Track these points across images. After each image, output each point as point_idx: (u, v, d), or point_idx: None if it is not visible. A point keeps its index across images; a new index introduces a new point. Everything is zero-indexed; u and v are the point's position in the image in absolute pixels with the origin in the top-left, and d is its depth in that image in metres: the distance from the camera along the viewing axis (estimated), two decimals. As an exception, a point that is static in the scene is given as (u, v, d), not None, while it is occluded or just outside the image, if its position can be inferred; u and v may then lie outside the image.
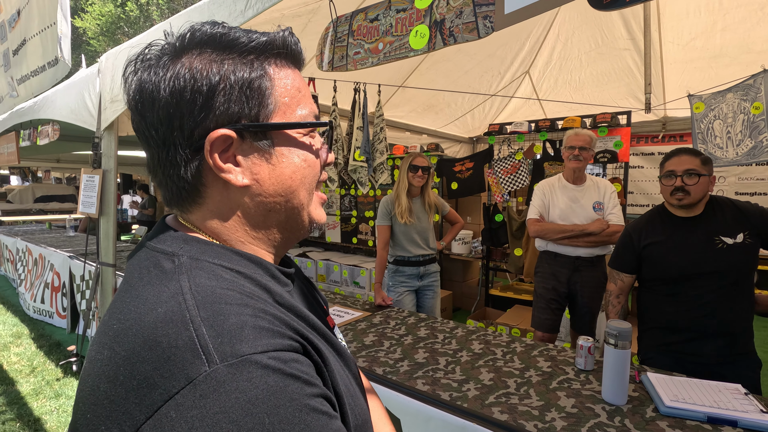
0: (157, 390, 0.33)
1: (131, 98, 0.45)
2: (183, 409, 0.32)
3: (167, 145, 0.44)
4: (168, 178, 0.46)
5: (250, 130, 0.45)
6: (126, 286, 0.43)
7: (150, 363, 0.34)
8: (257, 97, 0.45)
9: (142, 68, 0.44)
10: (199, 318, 0.36)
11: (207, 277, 0.41)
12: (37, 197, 11.13)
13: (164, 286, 0.39)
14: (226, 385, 0.33)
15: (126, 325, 0.37)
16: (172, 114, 0.43)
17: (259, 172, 0.46)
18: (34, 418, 2.44)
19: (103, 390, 0.35)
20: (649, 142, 4.73)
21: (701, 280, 1.64)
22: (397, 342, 1.78)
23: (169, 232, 0.46)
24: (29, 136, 4.54)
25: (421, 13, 1.20)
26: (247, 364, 0.34)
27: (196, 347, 0.34)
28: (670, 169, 1.69)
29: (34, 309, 4.29)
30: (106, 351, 0.37)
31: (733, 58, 3.41)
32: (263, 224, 0.48)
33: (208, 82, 0.42)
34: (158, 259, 0.43)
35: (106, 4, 14.56)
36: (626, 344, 1.26)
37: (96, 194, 2.86)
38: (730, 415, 1.15)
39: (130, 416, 0.33)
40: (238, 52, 0.44)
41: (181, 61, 0.43)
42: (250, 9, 1.70)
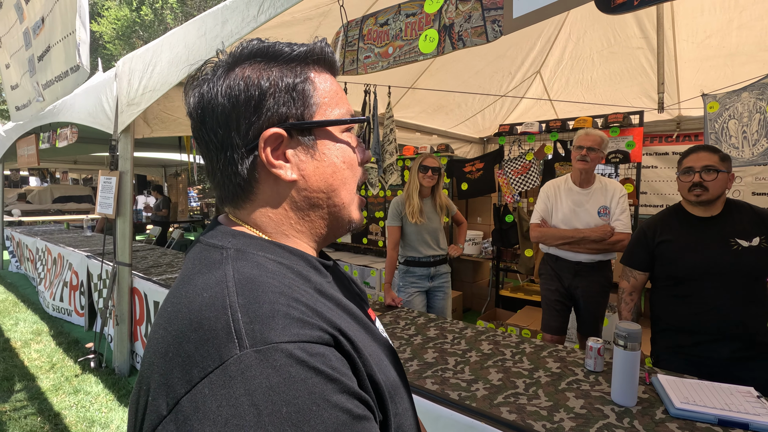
0: (196, 367, 0.36)
1: (193, 109, 0.51)
2: (214, 387, 0.35)
3: (225, 146, 0.49)
4: (225, 177, 0.51)
5: (296, 128, 0.50)
6: (182, 276, 0.48)
7: (193, 342, 0.38)
8: (302, 99, 0.50)
9: (200, 83, 0.50)
10: (237, 304, 0.39)
11: (250, 266, 0.44)
12: (55, 198, 11.40)
13: (212, 273, 0.44)
14: (252, 370, 0.35)
15: (177, 308, 0.42)
16: (229, 117, 0.48)
17: (305, 168, 0.51)
18: (54, 413, 2.52)
19: (157, 365, 0.40)
20: (663, 142, 4.67)
21: (714, 281, 1.63)
22: (407, 342, 1.80)
23: (219, 228, 0.52)
24: (48, 138, 4.67)
25: (430, 18, 1.22)
26: (274, 352, 0.36)
27: (231, 331, 0.37)
28: (689, 165, 1.68)
29: (54, 307, 4.40)
30: (161, 330, 0.42)
31: (749, 56, 3.35)
32: (307, 218, 0.53)
33: (259, 87, 0.48)
34: (209, 252, 0.48)
35: (122, 9, 14.84)
36: (636, 346, 1.26)
37: (113, 195, 2.94)
38: (742, 417, 1.15)
39: (173, 389, 0.37)
40: (283, 61, 0.50)
41: (235, 73, 0.49)
42: (262, 14, 1.74)
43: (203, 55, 2.11)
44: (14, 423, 2.42)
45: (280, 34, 2.99)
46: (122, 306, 3.02)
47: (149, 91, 2.52)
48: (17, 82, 3.16)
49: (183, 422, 0.35)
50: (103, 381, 2.89)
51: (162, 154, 8.16)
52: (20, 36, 2.60)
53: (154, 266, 3.53)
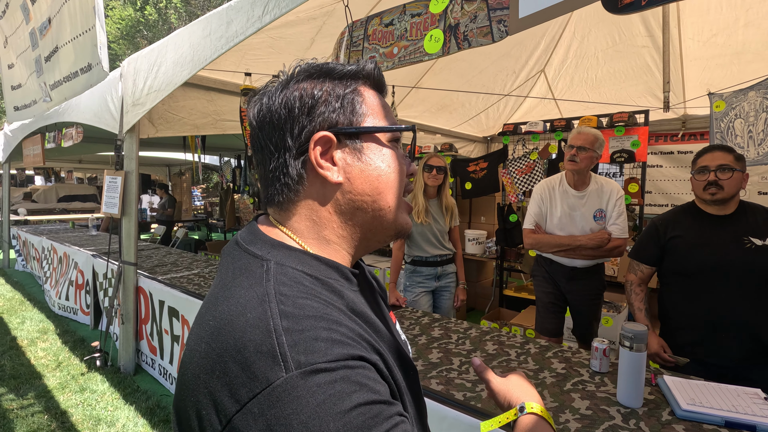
0: (245, 388, 0.39)
1: (253, 117, 0.55)
2: (264, 407, 0.38)
3: (279, 149, 0.53)
4: (276, 179, 0.54)
5: (344, 133, 0.54)
6: (221, 283, 0.51)
7: (239, 363, 0.40)
8: (350, 108, 0.54)
9: (261, 96, 0.55)
10: (281, 327, 0.42)
11: (290, 285, 0.47)
12: (61, 197, 11.47)
13: (253, 290, 0.46)
14: (298, 390, 0.38)
15: (220, 324, 0.44)
16: (285, 122, 0.53)
17: (351, 172, 0.54)
18: (60, 411, 2.54)
19: (204, 380, 0.42)
20: (668, 141, 4.64)
21: (726, 278, 1.62)
22: (411, 342, 1.80)
23: (259, 235, 0.54)
24: (54, 138, 4.70)
25: (435, 18, 1.22)
26: (318, 372, 0.39)
27: (276, 355, 0.39)
28: (704, 164, 1.68)
29: (59, 306, 4.43)
30: (203, 345, 0.44)
31: (756, 54, 3.32)
32: (350, 222, 0.55)
33: (312, 95, 0.53)
34: (249, 263, 0.50)
35: (126, 9, 14.90)
36: (642, 347, 1.26)
37: (118, 195, 2.95)
38: (749, 419, 1.14)
39: (224, 407, 0.40)
40: (335, 77, 0.55)
41: (291, 86, 0.54)
42: (267, 14, 1.74)
43: (208, 55, 2.12)
44: (21, 421, 2.44)
45: (285, 33, 2.99)
46: (128, 305, 3.03)
47: (154, 92, 2.53)
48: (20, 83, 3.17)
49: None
50: (109, 379, 2.91)
51: (166, 153, 8.19)
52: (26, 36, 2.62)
53: (159, 265, 3.55)
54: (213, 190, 15.15)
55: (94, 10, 1.61)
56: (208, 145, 5.90)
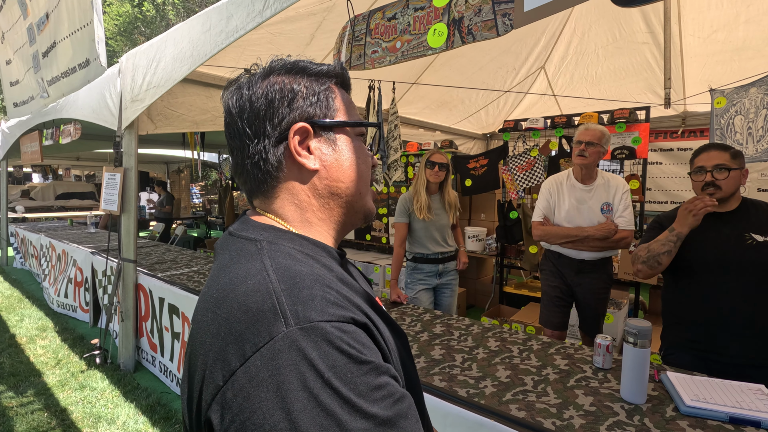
0: (248, 343, 0.42)
1: (232, 105, 0.58)
2: (265, 359, 0.41)
3: (258, 135, 0.57)
4: (254, 166, 0.58)
5: (320, 126, 0.59)
6: (219, 266, 0.54)
7: (243, 323, 0.43)
8: (325, 103, 0.59)
9: (239, 86, 0.59)
10: (280, 289, 0.45)
11: (283, 257, 0.51)
12: (58, 194, 11.42)
13: (251, 264, 0.49)
14: (298, 344, 0.41)
15: (223, 293, 0.48)
16: (266, 111, 0.57)
17: (326, 160, 0.59)
18: (60, 409, 2.53)
19: (209, 343, 0.45)
20: (668, 138, 4.64)
21: (727, 275, 1.62)
22: (413, 339, 1.79)
23: (249, 223, 0.58)
24: (52, 135, 4.67)
25: (439, 12, 1.20)
26: (315, 329, 0.42)
27: (277, 311, 0.43)
28: (700, 165, 1.68)
29: (58, 303, 4.41)
30: (209, 313, 0.48)
31: (756, 51, 3.32)
32: (327, 206, 0.60)
33: (291, 89, 0.58)
34: (243, 244, 0.54)
35: (124, 5, 14.79)
36: (646, 343, 1.25)
37: (117, 192, 2.93)
38: (753, 415, 1.14)
39: (228, 363, 0.42)
40: (310, 74, 0.60)
41: (270, 78, 0.58)
42: (268, 9, 1.72)
43: (208, 50, 2.10)
44: (21, 419, 2.43)
45: (284, 29, 2.97)
46: (127, 302, 3.02)
47: (153, 87, 2.51)
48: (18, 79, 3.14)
49: (239, 390, 0.41)
50: (109, 377, 2.90)
51: (164, 150, 8.16)
52: (24, 32, 2.59)
53: (158, 262, 3.54)
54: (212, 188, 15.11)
55: (92, 5, 1.60)
56: (207, 142, 5.88)
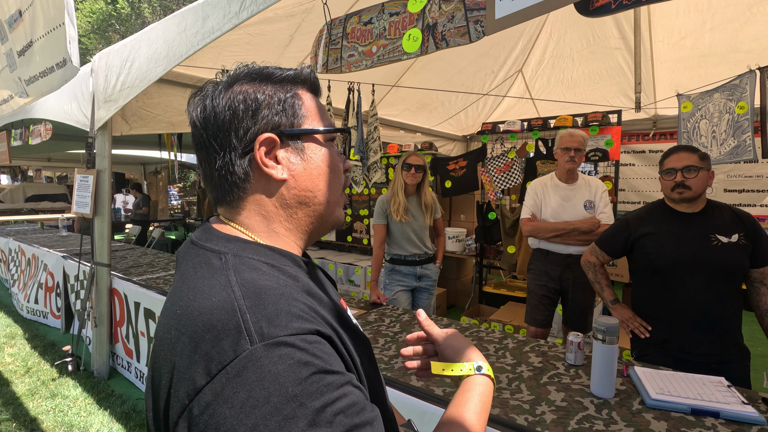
0: (214, 362, 0.42)
1: (196, 117, 0.58)
2: (230, 376, 0.41)
3: (224, 148, 0.56)
4: (222, 178, 0.57)
5: (287, 135, 0.58)
6: (182, 278, 0.53)
7: (209, 341, 0.43)
8: (291, 111, 0.58)
9: (203, 97, 0.58)
10: (245, 306, 0.45)
11: (249, 271, 0.50)
12: (28, 196, 11.02)
13: (215, 279, 0.49)
14: (262, 360, 0.42)
15: (188, 310, 0.47)
16: (230, 123, 0.55)
17: (294, 169, 0.58)
18: (30, 419, 2.45)
19: (174, 361, 0.45)
20: (640, 140, 4.79)
21: (695, 275, 1.67)
22: (392, 339, 1.81)
23: (213, 233, 0.57)
24: (21, 135, 4.51)
25: (413, 17, 1.23)
26: (280, 344, 0.43)
27: (242, 330, 0.43)
28: (670, 166, 1.74)
29: (28, 309, 4.27)
30: (173, 332, 0.47)
31: (721, 57, 3.46)
32: (295, 216, 0.59)
33: (256, 99, 0.56)
34: (208, 257, 0.53)
35: (97, 2, 14.38)
36: (614, 339, 1.30)
37: (90, 194, 2.86)
38: (713, 406, 1.20)
39: (194, 382, 0.43)
40: (275, 81, 0.59)
41: (234, 88, 0.57)
42: (244, 10, 1.71)
43: (183, 51, 2.07)
44: (-12, 430, 2.34)
45: (263, 30, 2.95)
46: (101, 307, 2.95)
47: (127, 88, 2.46)
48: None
49: (205, 407, 0.41)
50: (82, 384, 2.82)
51: (141, 151, 7.97)
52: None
53: (134, 266, 3.46)
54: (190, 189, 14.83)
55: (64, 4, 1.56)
56: (185, 143, 5.77)
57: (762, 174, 4.11)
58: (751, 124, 2.77)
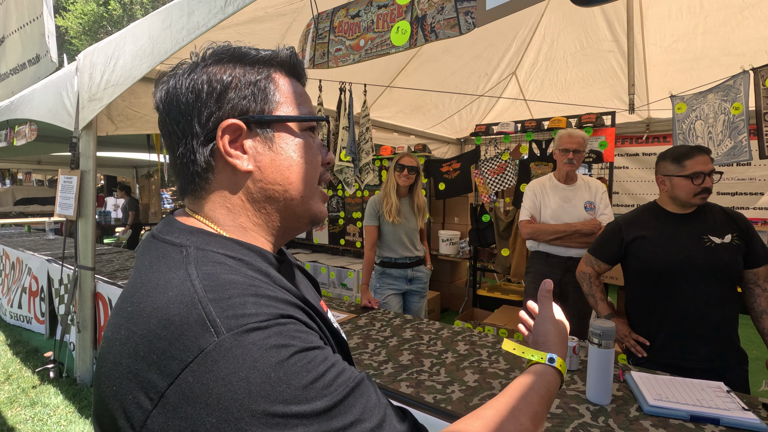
0: (175, 361, 0.38)
1: (159, 100, 0.53)
2: (198, 374, 0.37)
3: (186, 135, 0.51)
4: (184, 166, 0.52)
5: (255, 122, 0.52)
6: (137, 273, 0.48)
7: (166, 339, 0.39)
8: (262, 95, 0.53)
9: (168, 78, 0.53)
10: (206, 299, 0.41)
11: (212, 265, 0.45)
12: (18, 200, 10.85)
13: (173, 273, 0.44)
14: (234, 351, 0.38)
15: (140, 307, 0.42)
16: (192, 107, 0.51)
17: (261, 161, 0.52)
18: (7, 428, 2.36)
19: (126, 365, 0.40)
20: (634, 143, 4.79)
21: (689, 278, 1.63)
22: (382, 344, 1.75)
23: (176, 225, 0.52)
24: (6, 136, 4.42)
25: (402, 9, 1.18)
26: (251, 331, 0.39)
27: (205, 322, 0.39)
28: (698, 170, 1.61)
29: (11, 314, 4.16)
30: (123, 331, 0.42)
31: (713, 60, 3.47)
32: (263, 210, 0.54)
33: (221, 80, 0.51)
34: (167, 250, 0.48)
35: (89, 3, 14.27)
36: (610, 343, 1.26)
37: (74, 196, 2.78)
38: (713, 413, 1.15)
39: (153, 385, 0.38)
40: (248, 62, 0.53)
41: (200, 69, 0.52)
42: (230, 5, 1.66)
43: (169, 48, 2.02)
44: (-37, 440, 2.26)
45: (254, 29, 2.90)
46: (84, 312, 2.86)
47: (112, 86, 2.40)
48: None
49: (173, 411, 0.37)
50: (63, 392, 2.73)
51: (133, 154, 7.86)
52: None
53: (120, 270, 3.38)
54: (183, 193, 14.66)
55: (42, 0, 1.50)
56: (175, 145, 5.69)
57: (755, 176, 4.11)
58: (747, 125, 2.76)
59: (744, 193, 4.24)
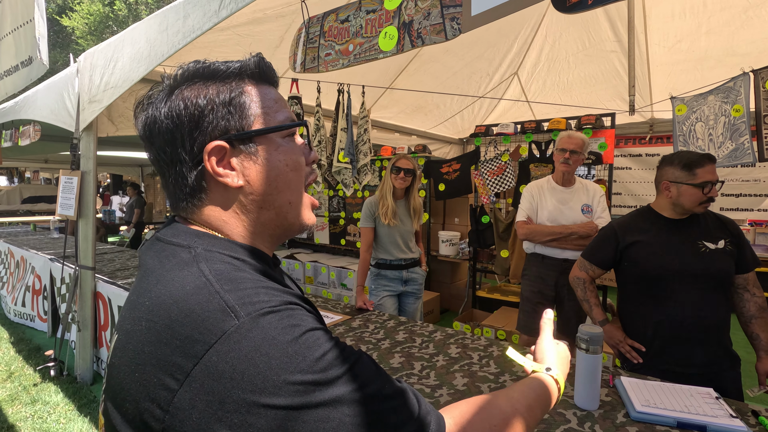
0: (199, 344, 0.42)
1: (141, 131, 0.55)
2: (222, 353, 0.41)
3: (174, 162, 0.54)
4: (178, 189, 0.55)
5: (237, 138, 0.54)
6: (147, 272, 0.51)
7: (188, 326, 0.43)
8: (239, 111, 0.54)
9: (146, 107, 0.55)
10: (223, 290, 0.45)
11: (221, 264, 0.49)
12: (25, 198, 10.99)
13: (186, 270, 0.48)
14: (254, 331, 0.42)
15: (159, 300, 0.46)
16: (174, 136, 0.53)
17: (249, 174, 0.54)
18: (7, 425, 2.39)
19: (148, 352, 0.44)
20: (637, 144, 4.76)
21: (685, 284, 1.62)
22: (374, 347, 1.76)
23: (179, 227, 0.55)
24: (11, 136, 4.47)
25: (390, 15, 1.19)
26: (266, 314, 0.44)
27: (225, 308, 0.43)
28: (707, 179, 1.60)
29: (15, 312, 4.21)
30: (143, 322, 0.46)
31: (717, 61, 3.43)
32: (257, 220, 0.57)
33: (197, 105, 0.52)
34: (176, 251, 0.51)
35: (95, 3, 14.39)
36: (597, 349, 1.25)
37: (74, 196, 2.82)
38: (700, 420, 1.15)
39: (179, 367, 0.42)
40: (219, 78, 0.55)
41: (175, 94, 0.53)
42: (224, 9, 1.68)
43: (165, 50, 2.04)
44: (-36, 436, 2.29)
45: (252, 31, 2.92)
46: (85, 311, 2.90)
47: (111, 88, 2.42)
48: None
49: (199, 387, 0.40)
50: (64, 390, 2.76)
51: (138, 153, 7.93)
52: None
53: (120, 269, 3.41)
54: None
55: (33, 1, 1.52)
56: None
57: (759, 178, 4.06)
58: (748, 127, 2.73)
59: (748, 194, 4.19)
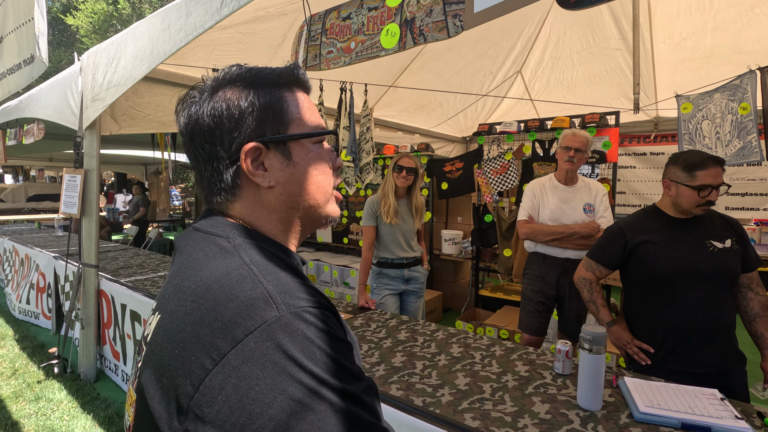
0: (240, 328, 0.44)
1: (183, 127, 0.58)
2: (260, 340, 0.43)
3: (212, 158, 0.57)
4: (213, 184, 0.58)
5: (273, 141, 0.57)
6: (187, 259, 0.54)
7: (231, 310, 0.45)
8: (277, 116, 0.58)
9: (188, 105, 0.58)
10: (266, 280, 0.48)
11: (260, 256, 0.52)
12: (30, 196, 11.05)
13: (229, 259, 0.51)
14: (292, 326, 0.45)
15: (204, 284, 0.48)
16: (214, 134, 0.56)
17: (281, 176, 0.58)
18: (12, 422, 2.41)
19: (190, 331, 0.46)
20: (641, 143, 4.72)
21: (694, 284, 1.60)
22: (376, 345, 1.75)
23: (216, 219, 0.58)
24: (15, 135, 4.50)
25: (392, 12, 1.17)
26: (305, 313, 0.46)
27: (268, 299, 0.46)
28: (707, 182, 1.58)
29: (20, 310, 4.24)
30: (188, 303, 0.48)
31: (723, 58, 3.39)
32: (287, 219, 0.60)
33: (239, 107, 0.56)
34: (215, 240, 0.54)
35: (99, 2, 14.41)
36: (601, 349, 1.24)
37: (78, 194, 2.82)
38: (704, 421, 1.13)
39: (217, 348, 0.44)
40: (260, 83, 0.58)
41: (218, 95, 0.57)
42: (225, 7, 1.67)
43: (167, 48, 2.03)
44: (-31, 433, 2.31)
45: (255, 29, 2.91)
46: (88, 309, 2.91)
47: (114, 86, 2.43)
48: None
49: (232, 370, 0.42)
50: (67, 387, 2.78)
51: (142, 151, 7.96)
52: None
53: (124, 267, 3.42)
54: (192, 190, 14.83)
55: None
56: (179, 142, 5.74)
57: (765, 177, 4.03)
58: (756, 125, 2.70)
59: (754, 193, 4.16)
